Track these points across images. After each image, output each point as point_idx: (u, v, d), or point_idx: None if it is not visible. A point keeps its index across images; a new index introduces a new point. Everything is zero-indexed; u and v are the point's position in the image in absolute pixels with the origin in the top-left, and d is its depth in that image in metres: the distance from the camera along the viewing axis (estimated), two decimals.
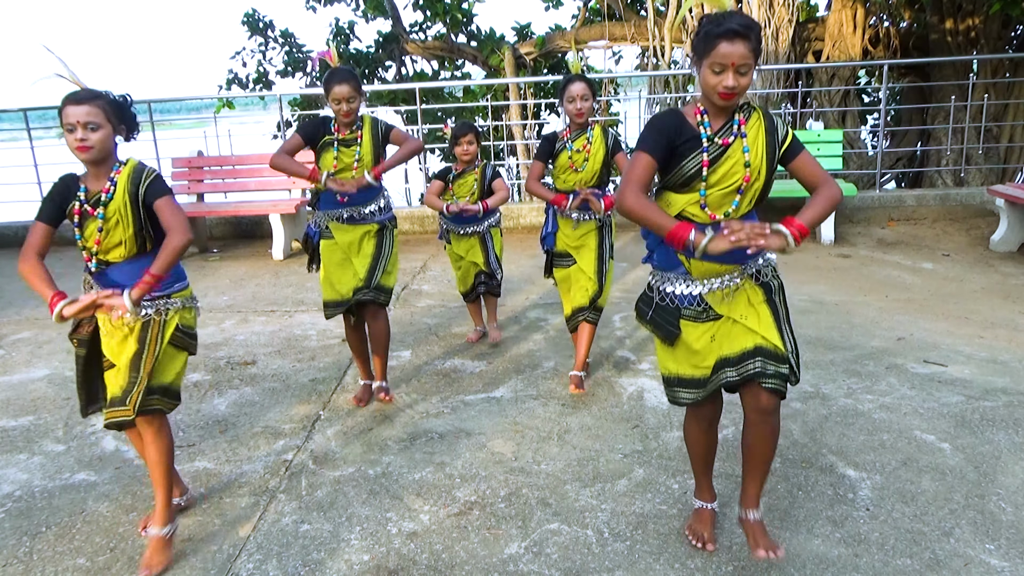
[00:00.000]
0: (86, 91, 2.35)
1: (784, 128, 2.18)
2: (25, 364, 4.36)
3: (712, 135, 2.12)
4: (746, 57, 1.98)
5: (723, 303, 2.22)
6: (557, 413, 3.46)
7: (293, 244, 7.06)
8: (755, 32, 2.00)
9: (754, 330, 2.18)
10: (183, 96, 9.88)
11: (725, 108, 2.12)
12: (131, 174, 2.39)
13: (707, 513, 2.51)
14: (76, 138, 2.29)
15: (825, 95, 8.86)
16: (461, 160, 4.14)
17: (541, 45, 10.74)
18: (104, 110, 2.32)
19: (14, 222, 7.84)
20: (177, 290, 2.50)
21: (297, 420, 3.50)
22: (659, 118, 2.17)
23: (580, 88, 3.46)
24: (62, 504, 2.86)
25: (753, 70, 2.03)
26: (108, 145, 2.36)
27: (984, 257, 5.92)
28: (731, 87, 2.01)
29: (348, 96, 3.26)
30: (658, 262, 2.28)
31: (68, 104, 2.29)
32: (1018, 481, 2.77)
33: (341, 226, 3.45)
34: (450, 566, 2.42)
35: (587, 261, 3.65)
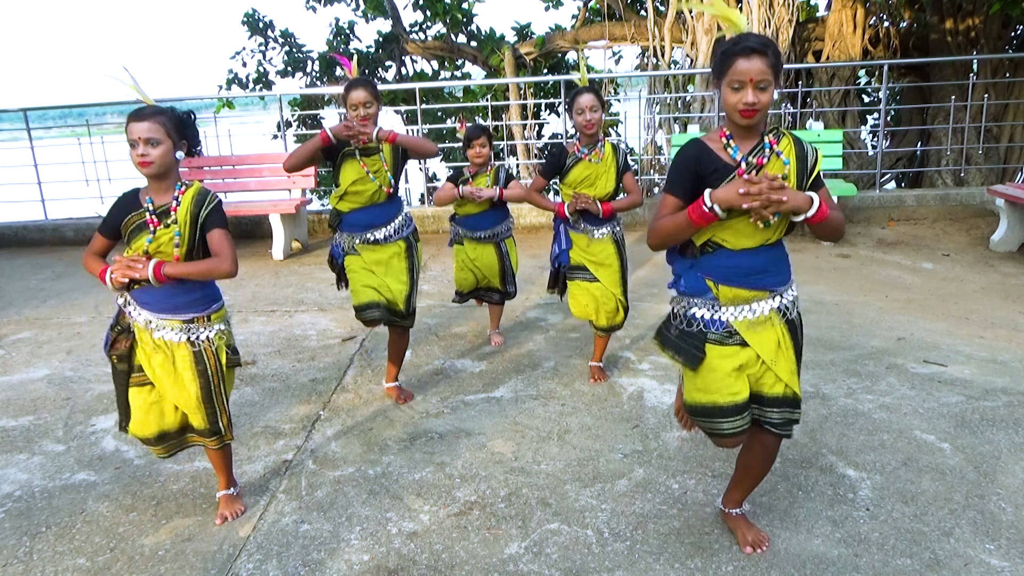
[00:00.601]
0: (149, 108, 2.39)
1: (814, 155, 2.16)
2: (25, 364, 4.36)
3: (746, 156, 2.10)
4: (764, 73, 1.98)
5: (750, 331, 2.19)
6: (557, 413, 3.46)
7: (293, 244, 7.07)
8: (772, 49, 2.00)
9: (781, 379, 2.22)
10: (183, 96, 9.86)
11: (750, 129, 2.09)
12: (196, 195, 2.44)
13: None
14: (138, 153, 2.34)
15: (825, 95, 8.86)
16: (474, 163, 4.12)
17: (541, 45, 10.74)
18: (164, 126, 2.37)
19: (14, 222, 7.84)
20: (215, 310, 2.57)
21: (297, 420, 3.50)
22: (682, 153, 2.15)
23: (589, 100, 3.40)
24: (62, 504, 2.86)
25: (773, 88, 2.02)
26: (168, 160, 2.39)
27: (984, 257, 5.92)
28: (751, 103, 2.00)
29: (365, 101, 3.25)
30: (685, 287, 2.25)
31: (131, 121, 2.35)
32: (1018, 481, 2.77)
33: (368, 247, 3.42)
34: (450, 566, 2.42)
35: (612, 280, 3.63)
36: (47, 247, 7.52)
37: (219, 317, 2.58)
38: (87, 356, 4.42)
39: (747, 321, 2.18)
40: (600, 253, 3.62)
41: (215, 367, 2.53)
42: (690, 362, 2.23)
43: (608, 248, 3.62)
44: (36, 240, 7.66)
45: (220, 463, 2.74)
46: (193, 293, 2.48)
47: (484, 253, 4.17)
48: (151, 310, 2.45)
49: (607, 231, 3.61)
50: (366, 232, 3.40)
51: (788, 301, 2.24)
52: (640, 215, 7.34)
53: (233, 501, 2.77)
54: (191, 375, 2.49)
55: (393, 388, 3.69)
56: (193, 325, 2.49)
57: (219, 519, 2.71)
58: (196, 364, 2.49)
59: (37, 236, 7.67)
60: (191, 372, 2.49)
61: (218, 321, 2.56)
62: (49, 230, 7.68)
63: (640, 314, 4.75)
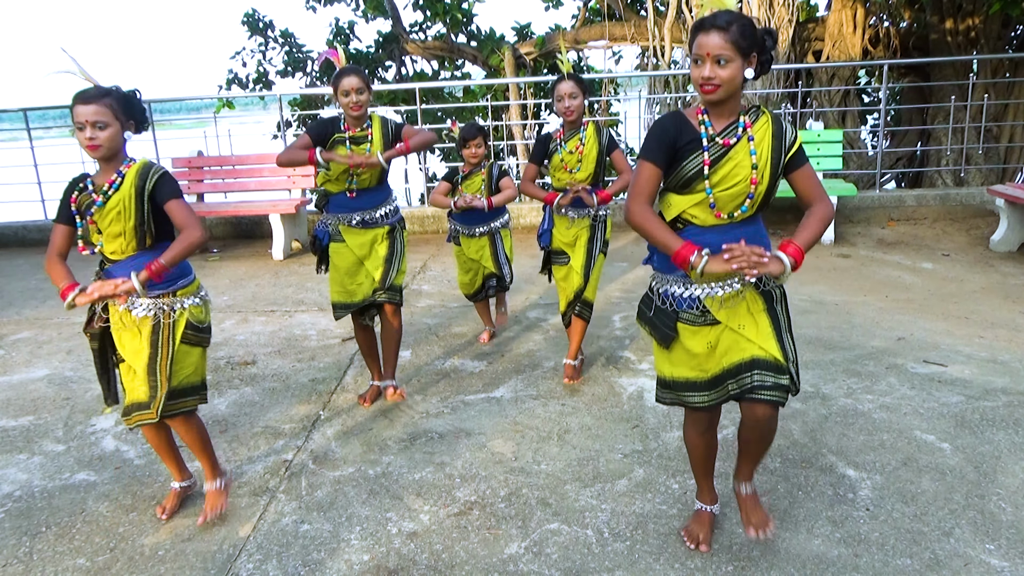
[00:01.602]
0: (94, 89, 2.38)
1: (793, 134, 2.15)
2: (25, 364, 4.36)
3: (714, 135, 2.11)
4: (722, 48, 1.98)
5: (722, 309, 2.19)
6: (557, 413, 3.46)
7: (293, 244, 7.06)
8: (737, 25, 1.98)
9: (752, 340, 2.18)
10: (183, 96, 9.88)
11: (722, 106, 2.10)
12: (140, 169, 2.44)
13: (706, 515, 2.52)
14: (86, 136, 2.34)
15: (825, 95, 8.86)
16: (468, 163, 4.13)
17: (541, 45, 10.74)
18: (112, 108, 2.36)
19: (14, 222, 7.84)
20: (182, 286, 2.54)
21: (297, 420, 3.50)
22: (659, 122, 2.17)
23: (568, 87, 3.46)
24: (62, 504, 2.86)
25: (739, 64, 2.00)
26: (117, 142, 2.40)
27: (984, 257, 5.92)
28: (707, 76, 2.01)
29: (357, 87, 3.26)
30: (658, 264, 2.28)
31: (77, 103, 2.34)
32: (1018, 481, 2.77)
33: (352, 229, 3.44)
34: (450, 566, 2.42)
35: (577, 257, 3.68)
36: (47, 247, 7.51)
37: (187, 292, 2.55)
38: (87, 356, 4.42)
39: (719, 298, 2.18)
40: (573, 232, 3.67)
41: (166, 340, 2.48)
42: (663, 340, 2.26)
43: (582, 225, 3.66)
44: (36, 240, 7.65)
45: (193, 445, 2.65)
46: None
47: (478, 245, 4.21)
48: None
49: (587, 214, 3.65)
50: (352, 215, 3.43)
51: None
52: None
53: (217, 497, 2.71)
54: (145, 343, 2.48)
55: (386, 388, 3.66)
56: (160, 301, 2.48)
57: (200, 517, 2.67)
58: (152, 335, 2.48)
59: (37, 236, 7.66)
60: (145, 340, 2.48)
61: (185, 296, 2.54)
62: (49, 230, 7.63)
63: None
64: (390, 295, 3.49)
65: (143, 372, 2.49)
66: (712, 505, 2.53)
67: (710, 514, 2.52)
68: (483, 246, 4.20)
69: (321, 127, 3.39)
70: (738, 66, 2.01)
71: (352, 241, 3.45)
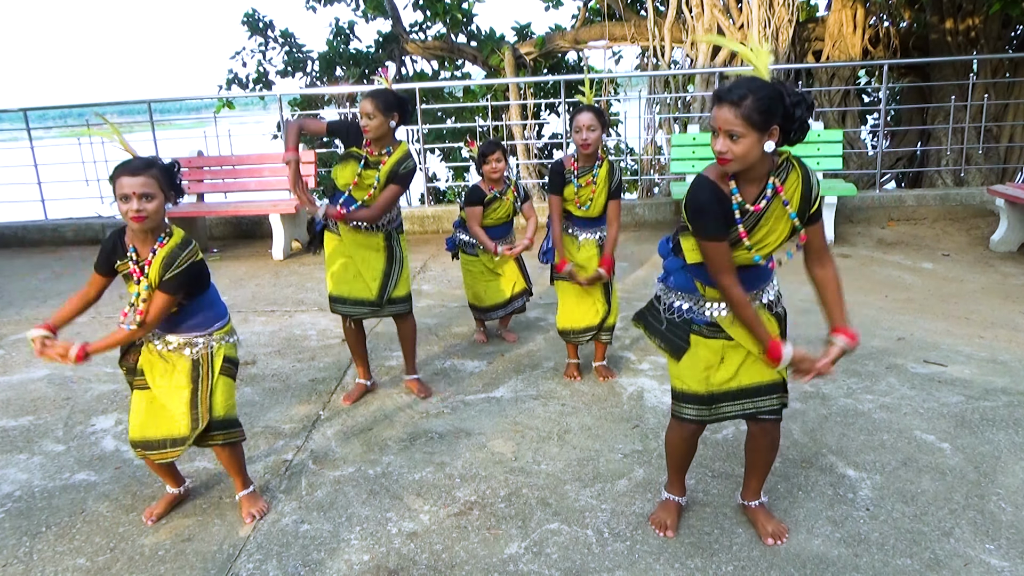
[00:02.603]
0: (140, 160, 2.39)
1: (817, 189, 2.14)
2: (25, 364, 4.36)
3: (744, 203, 2.10)
4: (731, 123, 1.95)
5: (734, 326, 2.25)
6: (557, 413, 3.46)
7: (293, 244, 7.06)
8: (751, 100, 1.93)
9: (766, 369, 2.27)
10: (183, 96, 9.87)
11: (750, 173, 2.08)
12: (166, 255, 2.42)
13: (674, 504, 2.60)
14: (133, 208, 2.32)
15: (825, 95, 8.85)
16: (489, 178, 4.06)
17: (541, 45, 10.73)
18: (157, 179, 2.37)
19: (14, 222, 7.85)
20: (218, 328, 2.63)
21: (297, 420, 3.50)
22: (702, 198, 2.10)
23: (587, 119, 3.40)
24: (62, 504, 2.86)
25: (754, 139, 1.97)
26: (161, 214, 2.41)
27: (984, 257, 5.92)
28: (719, 151, 2.01)
29: (368, 112, 3.26)
30: (674, 284, 2.32)
31: (123, 175, 2.34)
32: (1018, 481, 2.77)
33: (349, 229, 3.46)
34: (450, 566, 2.42)
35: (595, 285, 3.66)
36: (47, 247, 7.52)
37: (222, 332, 2.65)
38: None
39: (729, 317, 2.25)
40: (583, 256, 3.64)
41: (206, 374, 2.58)
42: (675, 352, 2.33)
43: (591, 252, 3.64)
44: (36, 240, 7.66)
45: (230, 463, 2.73)
46: (195, 317, 2.57)
47: (503, 259, 4.18)
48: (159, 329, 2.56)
49: (592, 236, 3.64)
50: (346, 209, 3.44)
51: (772, 297, 2.31)
52: (639, 214, 7.33)
53: (255, 499, 2.78)
54: (185, 380, 2.56)
55: (409, 381, 3.75)
56: (197, 342, 2.58)
57: (247, 518, 2.71)
58: (191, 371, 2.57)
59: (37, 236, 7.67)
60: (186, 377, 2.56)
61: (220, 336, 2.63)
62: (49, 230, 7.67)
63: None
64: (396, 308, 3.56)
65: (185, 406, 2.56)
66: (681, 497, 2.60)
67: (677, 503, 2.59)
68: (512, 264, 4.21)
69: (347, 129, 3.42)
70: (752, 140, 1.97)
71: (347, 238, 3.47)
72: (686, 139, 6.97)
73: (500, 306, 4.28)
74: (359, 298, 3.50)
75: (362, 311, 3.52)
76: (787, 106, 1.97)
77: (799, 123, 2.00)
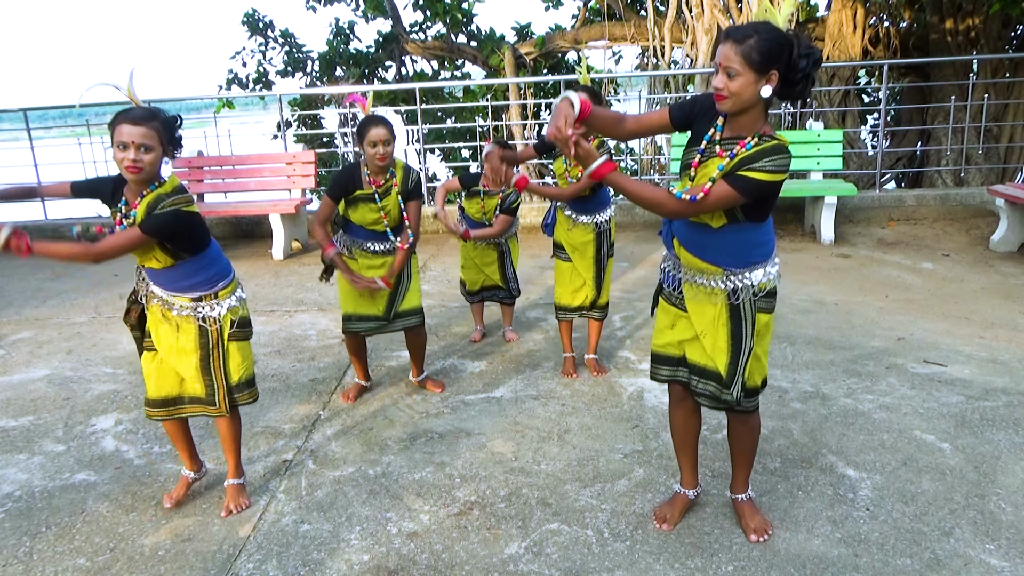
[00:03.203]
0: (143, 110, 2.35)
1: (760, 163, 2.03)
2: (25, 364, 4.36)
3: (716, 139, 2.12)
4: (729, 59, 1.96)
5: (693, 300, 2.32)
6: (557, 413, 3.46)
7: (293, 244, 7.06)
8: (755, 39, 1.94)
9: (705, 350, 2.33)
10: (183, 96, 9.87)
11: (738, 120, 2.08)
12: (153, 199, 2.38)
13: (681, 499, 2.61)
14: (129, 158, 2.29)
15: (825, 95, 8.85)
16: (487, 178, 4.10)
17: (541, 45, 10.74)
18: (158, 132, 2.33)
19: (14, 222, 7.82)
20: (222, 287, 2.60)
21: (297, 420, 3.50)
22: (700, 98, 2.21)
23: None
24: (62, 504, 2.86)
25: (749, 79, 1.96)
26: (157, 167, 2.38)
27: (984, 257, 5.92)
28: (715, 87, 2.02)
29: (385, 139, 3.27)
30: (664, 235, 2.45)
31: (124, 122, 2.28)
32: (1018, 481, 2.77)
33: (365, 254, 3.50)
34: (450, 566, 2.42)
35: (585, 267, 3.70)
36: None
37: (228, 292, 2.61)
38: (87, 356, 4.42)
39: (695, 287, 2.30)
40: (578, 239, 3.68)
41: (216, 341, 2.57)
42: (652, 309, 2.54)
43: (587, 237, 3.66)
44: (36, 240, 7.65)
45: (229, 440, 2.74)
46: (197, 276, 2.52)
47: (485, 253, 4.25)
48: (161, 288, 2.53)
49: (589, 220, 3.65)
50: (367, 242, 3.49)
51: (740, 284, 2.25)
52: (639, 214, 7.33)
53: (239, 493, 2.78)
54: (193, 346, 2.56)
55: (417, 381, 3.79)
56: (201, 303, 2.55)
57: (224, 511, 2.71)
58: (199, 337, 2.56)
59: (37, 236, 7.60)
60: (193, 343, 2.55)
61: (227, 296, 2.60)
62: (49, 230, 7.67)
63: (639, 314, 4.75)
64: (405, 321, 3.58)
65: (195, 371, 2.57)
66: (690, 490, 2.61)
67: (685, 497, 2.61)
68: (492, 260, 4.25)
69: (342, 184, 3.39)
70: (748, 80, 1.97)
71: (363, 262, 3.49)
72: (686, 139, 6.95)
73: (476, 292, 4.39)
74: (366, 314, 3.53)
75: (370, 326, 3.55)
76: (793, 55, 1.96)
77: (802, 75, 1.98)
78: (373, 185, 3.37)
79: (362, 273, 3.48)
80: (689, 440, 2.58)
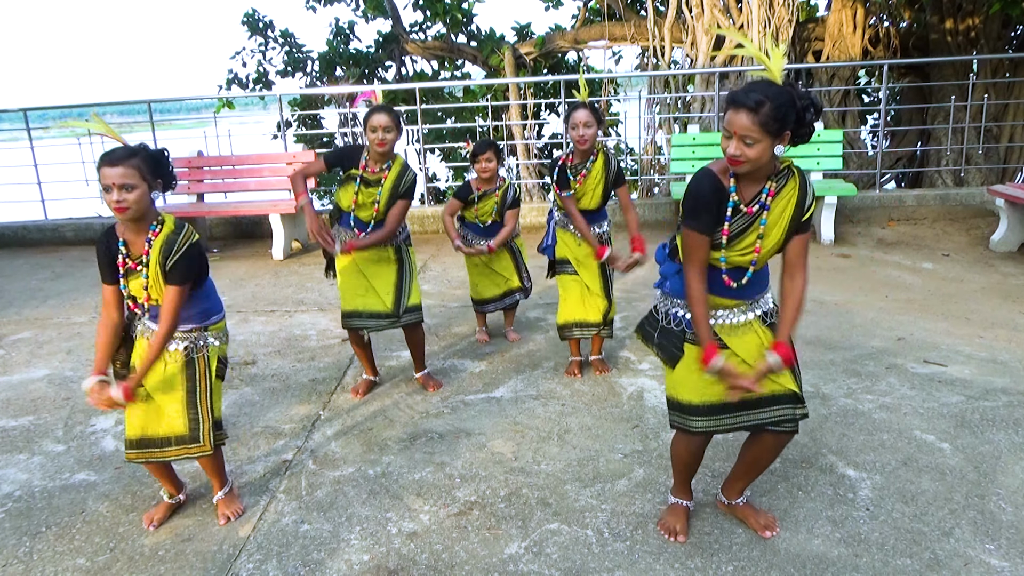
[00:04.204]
0: (121, 151, 2.35)
1: (811, 199, 2.15)
2: (25, 364, 4.36)
3: (739, 203, 2.12)
4: (748, 129, 1.97)
5: (731, 336, 2.26)
6: (557, 413, 3.46)
7: (293, 244, 7.06)
8: (768, 106, 1.94)
9: (773, 380, 2.26)
10: (183, 96, 9.87)
11: (753, 175, 2.10)
12: (163, 244, 2.40)
13: (682, 509, 2.58)
14: (113, 199, 2.30)
15: (825, 95, 8.85)
16: (481, 178, 4.10)
17: (541, 45, 10.73)
18: (139, 169, 2.33)
19: (14, 222, 7.84)
20: (214, 322, 2.61)
21: (297, 420, 3.50)
22: (700, 189, 2.13)
23: (583, 116, 3.47)
24: (62, 504, 2.86)
25: (766, 144, 1.99)
26: (145, 203, 2.37)
27: (984, 257, 5.92)
28: (733, 155, 2.02)
29: (386, 125, 3.30)
30: (671, 290, 2.32)
31: (104, 165, 2.31)
32: (1018, 481, 2.77)
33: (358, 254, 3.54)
34: (450, 566, 2.42)
35: (592, 279, 3.70)
36: (47, 247, 7.52)
37: (217, 328, 2.62)
38: (87, 356, 4.42)
39: (728, 326, 2.26)
40: (583, 251, 3.70)
41: (203, 374, 2.56)
42: (670, 359, 2.33)
43: (590, 248, 3.68)
44: (36, 240, 7.66)
45: (211, 468, 2.73)
46: (191, 308, 2.52)
47: (498, 256, 4.23)
48: (154, 321, 2.51)
49: (594, 232, 3.68)
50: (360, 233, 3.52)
51: (767, 308, 2.32)
52: (639, 214, 7.33)
53: (231, 501, 2.77)
54: (180, 379, 2.54)
55: (419, 377, 3.81)
56: (191, 335, 2.54)
57: (222, 519, 2.71)
58: (186, 369, 2.54)
59: (37, 236, 7.67)
60: (180, 376, 2.53)
61: (215, 332, 2.60)
62: (49, 230, 7.68)
63: (639, 314, 4.74)
64: (409, 317, 3.58)
65: (181, 406, 2.54)
66: (689, 501, 2.59)
67: (686, 508, 2.58)
68: (507, 263, 4.25)
69: (342, 155, 3.47)
70: (766, 146, 2.00)
71: (358, 255, 3.50)
72: (686, 139, 6.97)
73: (494, 300, 4.35)
74: (374, 311, 3.53)
75: (380, 324, 3.55)
76: (799, 110, 1.99)
77: (809, 127, 2.03)
78: (369, 171, 3.41)
79: (360, 267, 3.50)
80: (695, 470, 2.55)
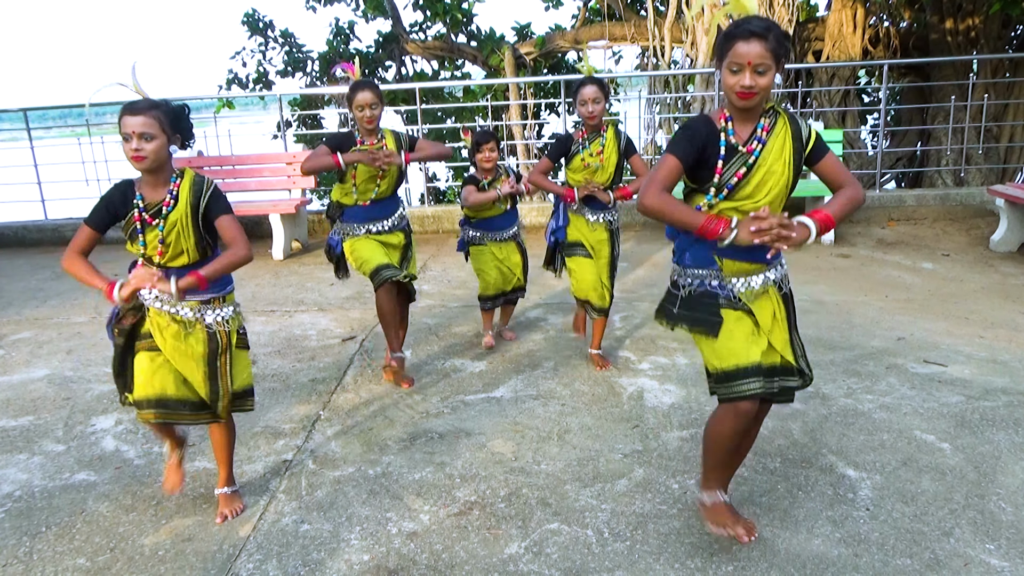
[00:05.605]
0: (144, 101, 2.39)
1: (807, 130, 2.18)
2: (25, 364, 4.36)
3: (736, 144, 2.12)
4: (763, 56, 1.98)
5: (755, 301, 2.27)
6: (557, 413, 3.46)
7: (293, 244, 7.06)
8: (775, 33, 2.00)
9: (775, 348, 2.25)
10: (183, 96, 9.86)
11: (748, 112, 2.11)
12: (192, 186, 2.45)
13: (726, 506, 2.37)
14: (131, 148, 2.34)
15: (825, 95, 8.86)
16: (483, 168, 4.10)
17: (541, 45, 10.74)
18: (160, 120, 2.36)
19: (14, 222, 7.84)
20: (229, 291, 2.63)
21: (297, 420, 3.50)
22: (694, 125, 2.16)
23: (592, 91, 3.54)
24: (62, 504, 2.86)
25: (774, 72, 2.02)
26: (163, 155, 2.40)
27: (984, 257, 5.92)
28: (748, 86, 2.01)
29: (371, 102, 3.43)
30: (691, 261, 2.27)
31: (125, 114, 2.34)
32: (1018, 481, 2.77)
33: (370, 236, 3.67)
34: (450, 566, 2.42)
35: (603, 268, 3.81)
36: (47, 247, 7.52)
37: (231, 299, 2.64)
38: (87, 356, 4.42)
39: (751, 291, 2.25)
40: (594, 238, 3.77)
41: (225, 346, 2.58)
42: (710, 329, 2.20)
43: (602, 236, 3.77)
44: (36, 240, 7.66)
45: (223, 448, 2.73)
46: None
47: (510, 252, 4.23)
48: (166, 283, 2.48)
49: (602, 219, 3.75)
50: (368, 224, 3.63)
51: (782, 274, 2.32)
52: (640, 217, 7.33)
53: (232, 499, 2.77)
54: (202, 351, 2.54)
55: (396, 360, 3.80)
56: (209, 306, 2.55)
57: (219, 517, 2.71)
58: (209, 342, 2.55)
59: (37, 236, 7.66)
60: (203, 348, 2.54)
61: (230, 303, 2.62)
62: (49, 230, 7.67)
63: (639, 313, 4.75)
64: (409, 277, 3.72)
65: (202, 377, 2.55)
66: (727, 495, 2.42)
67: (727, 504, 2.39)
68: (517, 260, 4.23)
69: (337, 139, 3.58)
70: (773, 74, 2.03)
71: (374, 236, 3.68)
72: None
73: (503, 293, 4.34)
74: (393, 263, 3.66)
75: (397, 273, 3.64)
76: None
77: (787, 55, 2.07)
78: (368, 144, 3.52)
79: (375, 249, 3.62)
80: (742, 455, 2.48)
